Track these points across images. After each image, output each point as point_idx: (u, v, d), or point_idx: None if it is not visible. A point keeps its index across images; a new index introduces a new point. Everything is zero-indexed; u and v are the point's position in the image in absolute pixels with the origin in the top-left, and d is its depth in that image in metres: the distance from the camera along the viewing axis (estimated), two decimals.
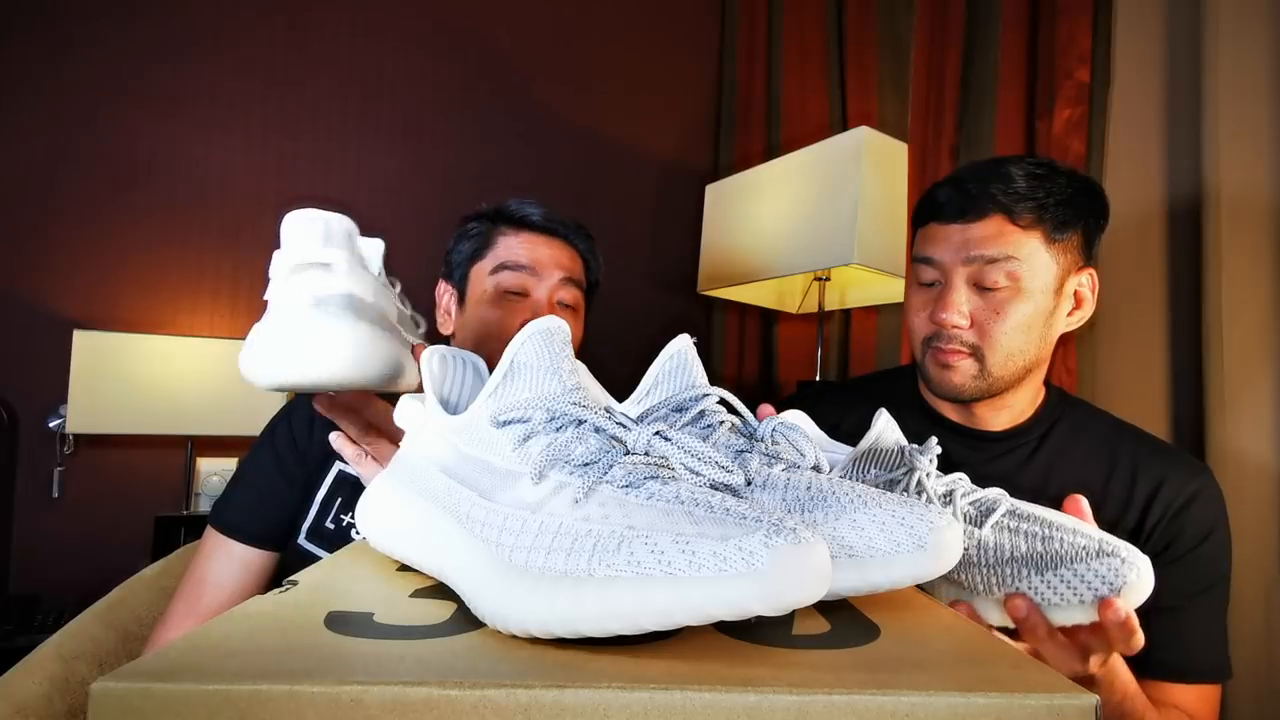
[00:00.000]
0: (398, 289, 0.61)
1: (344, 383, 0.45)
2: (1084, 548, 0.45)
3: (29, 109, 1.50)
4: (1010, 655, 0.28)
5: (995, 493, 0.51)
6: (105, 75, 1.56)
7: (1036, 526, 0.48)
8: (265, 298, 0.46)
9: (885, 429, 0.51)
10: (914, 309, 0.74)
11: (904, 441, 0.52)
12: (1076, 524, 0.48)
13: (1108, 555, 0.45)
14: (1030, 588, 0.46)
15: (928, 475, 0.49)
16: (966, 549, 0.48)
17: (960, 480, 0.51)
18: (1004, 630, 0.47)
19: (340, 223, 0.49)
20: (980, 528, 0.48)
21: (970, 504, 0.50)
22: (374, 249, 0.56)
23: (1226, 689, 0.68)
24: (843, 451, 0.56)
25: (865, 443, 0.51)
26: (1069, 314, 0.71)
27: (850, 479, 0.50)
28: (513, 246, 0.82)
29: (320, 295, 0.46)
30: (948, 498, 0.49)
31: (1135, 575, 0.44)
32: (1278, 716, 0.85)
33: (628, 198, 2.11)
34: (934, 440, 0.51)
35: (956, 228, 0.69)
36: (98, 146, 1.56)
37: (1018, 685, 0.25)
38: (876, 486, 0.48)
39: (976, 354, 0.68)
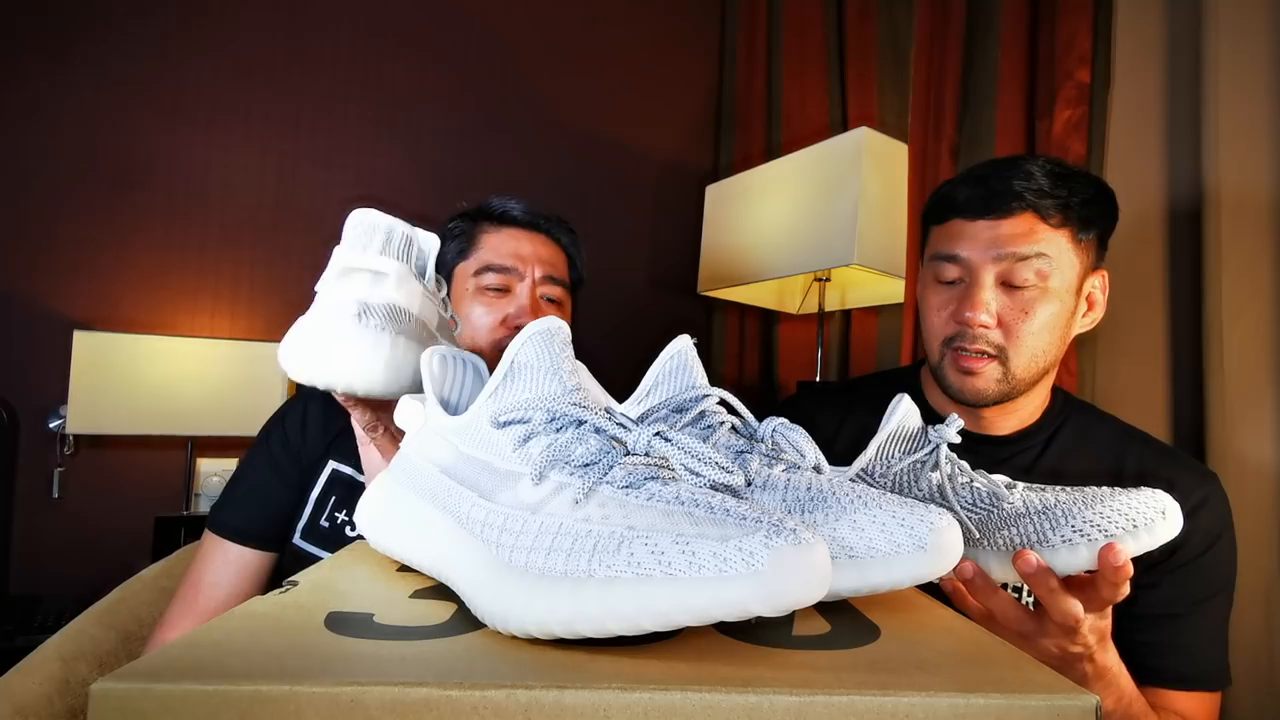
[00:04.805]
0: (443, 291, 0.60)
1: (371, 393, 0.47)
2: (1114, 489, 0.47)
3: (30, 110, 1.50)
4: (1010, 655, 0.28)
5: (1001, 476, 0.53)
6: (106, 77, 1.56)
7: (1059, 487, 0.50)
8: (315, 288, 0.48)
9: (909, 413, 0.52)
10: (933, 308, 0.71)
11: (921, 422, 0.53)
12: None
13: (1137, 490, 0.47)
14: (1086, 520, 0.46)
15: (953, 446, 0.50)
16: (1014, 504, 0.48)
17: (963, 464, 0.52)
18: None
19: (402, 231, 0.50)
20: (1014, 490, 0.50)
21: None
22: (430, 245, 0.56)
23: (1226, 690, 0.67)
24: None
25: (888, 428, 0.51)
26: (1083, 315, 0.71)
27: (875, 465, 0.50)
28: (495, 244, 0.81)
29: (366, 303, 0.47)
30: (965, 474, 0.51)
31: (1170, 502, 0.46)
32: (1277, 717, 0.85)
33: (628, 198, 2.11)
34: (954, 415, 0.52)
35: (985, 224, 0.67)
36: (99, 147, 1.55)
37: (1018, 685, 0.25)
38: (903, 470, 0.50)
39: (1001, 356, 0.67)
